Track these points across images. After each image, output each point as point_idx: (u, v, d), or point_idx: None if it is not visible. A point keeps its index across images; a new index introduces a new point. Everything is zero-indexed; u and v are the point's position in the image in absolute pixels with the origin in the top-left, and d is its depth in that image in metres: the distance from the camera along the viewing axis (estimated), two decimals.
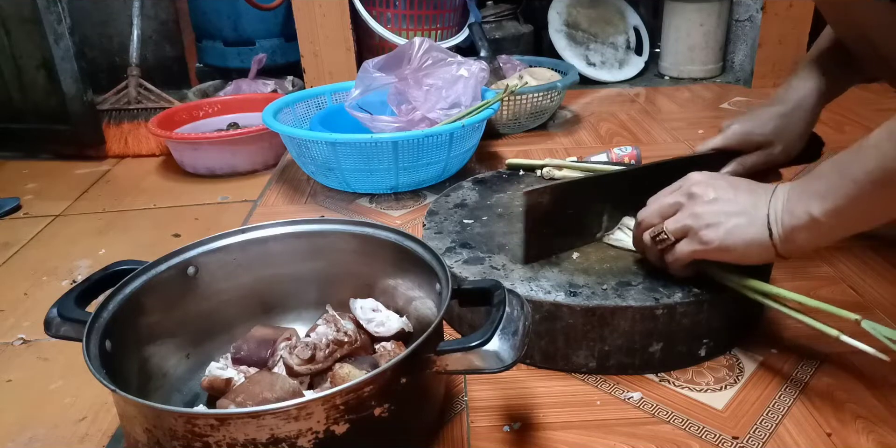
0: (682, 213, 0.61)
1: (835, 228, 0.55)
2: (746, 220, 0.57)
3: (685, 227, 0.60)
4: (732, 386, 0.64)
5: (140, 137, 1.47)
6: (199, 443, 0.47)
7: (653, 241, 0.63)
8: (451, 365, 0.53)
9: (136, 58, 1.57)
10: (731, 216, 0.58)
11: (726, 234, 0.58)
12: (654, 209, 0.63)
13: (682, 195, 0.61)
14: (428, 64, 1.15)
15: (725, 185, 0.60)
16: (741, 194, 0.59)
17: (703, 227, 0.59)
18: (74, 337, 0.56)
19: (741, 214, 0.58)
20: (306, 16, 1.54)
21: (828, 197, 0.53)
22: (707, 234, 0.58)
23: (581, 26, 1.82)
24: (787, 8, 1.58)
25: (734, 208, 0.58)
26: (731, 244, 0.58)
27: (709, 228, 0.58)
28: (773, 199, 0.57)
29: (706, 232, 0.58)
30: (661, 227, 0.62)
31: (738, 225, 0.57)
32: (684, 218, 0.60)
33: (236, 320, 0.70)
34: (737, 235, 0.57)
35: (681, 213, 0.61)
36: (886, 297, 0.77)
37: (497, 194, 0.90)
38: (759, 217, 0.57)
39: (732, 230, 0.57)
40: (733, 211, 0.58)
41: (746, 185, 0.60)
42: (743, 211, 0.58)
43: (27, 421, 0.68)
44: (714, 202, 0.59)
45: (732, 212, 0.58)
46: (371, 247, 0.69)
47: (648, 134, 1.37)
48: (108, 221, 1.16)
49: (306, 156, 1.10)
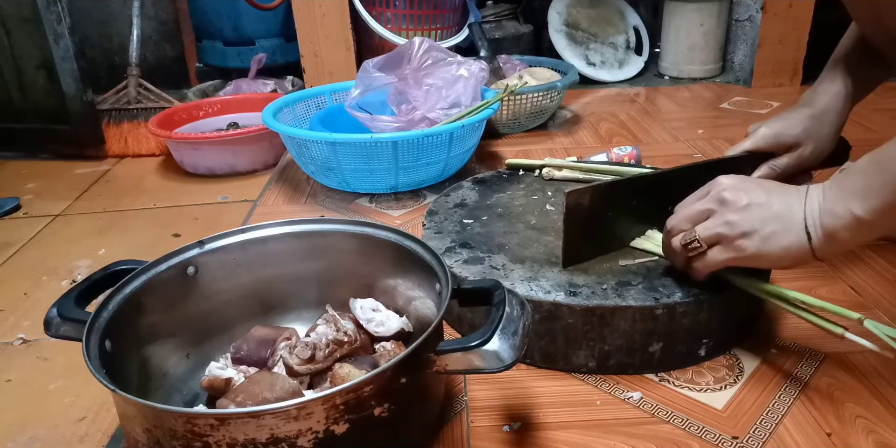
0: (715, 220, 0.59)
1: (878, 226, 0.53)
2: (783, 226, 0.56)
3: (718, 234, 0.58)
4: (732, 386, 0.64)
5: (140, 137, 1.47)
6: (199, 443, 0.47)
7: (684, 248, 0.61)
8: (451, 365, 0.53)
9: (136, 58, 1.57)
10: (766, 222, 0.56)
11: (762, 241, 0.56)
12: (684, 215, 0.62)
13: (712, 201, 0.60)
14: (428, 64, 1.15)
15: (756, 189, 0.58)
16: (774, 197, 0.57)
17: (738, 236, 0.57)
18: (74, 337, 0.56)
19: (776, 220, 0.56)
20: (306, 16, 1.54)
21: (870, 194, 0.52)
22: (743, 242, 0.57)
23: (581, 26, 1.82)
24: (787, 8, 1.58)
25: (768, 213, 0.56)
26: (767, 251, 0.56)
27: (744, 237, 0.57)
28: (809, 201, 0.55)
29: (742, 240, 0.57)
30: (694, 235, 0.60)
31: (775, 232, 0.56)
32: (717, 225, 0.58)
33: (236, 320, 0.70)
34: (774, 242, 0.56)
35: (713, 219, 0.59)
36: (886, 297, 0.77)
37: (497, 194, 0.90)
38: (795, 221, 0.55)
39: (769, 237, 0.56)
40: (768, 216, 0.56)
41: (777, 187, 0.59)
42: (778, 215, 0.56)
43: (27, 421, 0.68)
44: (747, 208, 0.57)
45: (767, 217, 0.56)
46: (371, 247, 0.69)
47: (648, 134, 1.37)
48: (108, 221, 1.16)
49: (306, 156, 1.09)
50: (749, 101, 1.58)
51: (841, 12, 0.75)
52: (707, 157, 1.22)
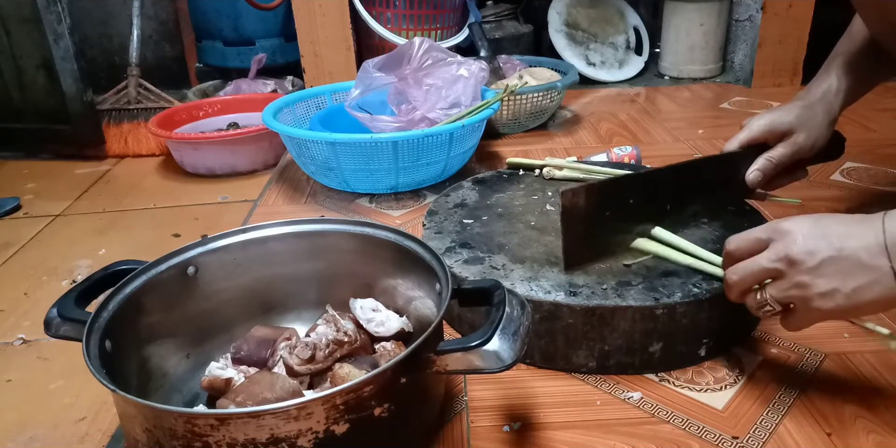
0: (785, 283, 0.54)
1: None
2: (868, 279, 0.51)
3: (791, 297, 0.54)
4: (732, 386, 0.64)
5: (140, 137, 1.47)
6: (199, 443, 0.47)
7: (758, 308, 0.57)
8: (451, 365, 0.53)
9: (136, 57, 1.57)
10: (846, 278, 0.51)
11: (847, 299, 0.51)
12: (748, 273, 0.56)
13: (778, 262, 0.54)
14: (428, 64, 1.15)
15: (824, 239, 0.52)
16: (847, 243, 0.51)
17: (814, 298, 0.52)
18: (74, 337, 0.56)
19: (857, 272, 0.51)
20: (306, 16, 1.54)
21: None
22: (823, 303, 0.52)
23: (581, 26, 1.82)
24: (787, 8, 1.58)
25: (845, 266, 0.51)
26: (854, 307, 0.52)
27: (823, 298, 0.52)
28: (890, 241, 0.50)
29: (820, 302, 0.52)
30: (766, 298, 0.55)
31: (859, 287, 0.51)
32: (788, 289, 0.54)
33: (236, 320, 0.70)
34: (860, 298, 0.51)
35: (783, 282, 0.54)
36: None
37: (497, 194, 0.90)
38: (880, 269, 0.50)
39: (853, 295, 0.51)
40: (846, 269, 0.51)
41: (845, 228, 0.53)
42: (858, 266, 0.51)
43: (27, 421, 0.68)
44: (820, 267, 0.52)
45: (846, 270, 0.51)
46: (371, 247, 0.69)
47: (648, 134, 1.37)
48: (108, 221, 1.16)
49: (306, 156, 1.10)
50: (749, 101, 1.58)
51: (841, 12, 0.75)
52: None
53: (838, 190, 1.05)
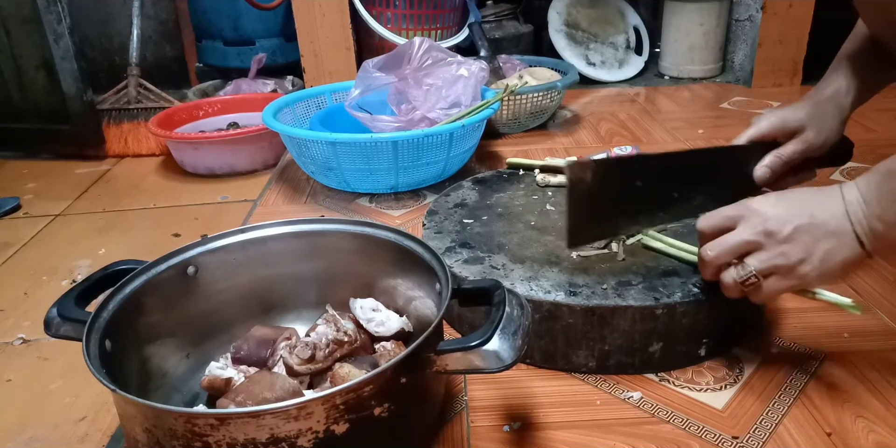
0: (766, 254, 0.57)
1: None
2: (836, 242, 0.55)
3: (774, 266, 0.57)
4: (732, 386, 0.64)
5: (140, 137, 1.47)
6: (199, 442, 0.47)
7: (740, 284, 0.59)
8: (451, 365, 0.53)
9: (136, 57, 1.57)
10: (818, 243, 0.55)
11: (822, 263, 0.55)
12: (725, 248, 0.59)
13: (756, 234, 0.57)
14: (428, 64, 1.15)
15: (794, 209, 0.57)
16: (814, 211, 0.56)
17: (795, 264, 0.56)
18: (74, 337, 0.56)
19: (827, 237, 0.55)
20: (306, 16, 1.54)
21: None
22: (802, 269, 0.56)
23: (581, 26, 1.82)
24: (787, 8, 1.58)
25: (817, 233, 0.55)
26: (828, 270, 0.56)
27: (802, 264, 0.56)
28: (850, 208, 0.55)
29: (801, 267, 0.56)
30: (750, 270, 0.57)
31: (830, 250, 0.55)
32: (771, 258, 0.57)
33: (236, 320, 0.70)
34: (832, 260, 0.55)
35: (764, 253, 0.57)
36: (886, 297, 0.77)
37: (497, 194, 0.90)
38: (845, 233, 0.55)
39: (826, 258, 0.55)
40: (818, 236, 0.55)
41: (811, 197, 0.57)
42: (827, 232, 0.55)
43: (27, 421, 0.68)
44: (795, 234, 0.56)
45: (818, 237, 0.55)
46: (371, 246, 0.69)
47: (648, 133, 1.37)
48: (108, 221, 1.16)
49: (306, 155, 1.10)
50: (749, 101, 1.58)
51: (841, 12, 0.75)
52: None
53: None
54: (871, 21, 0.75)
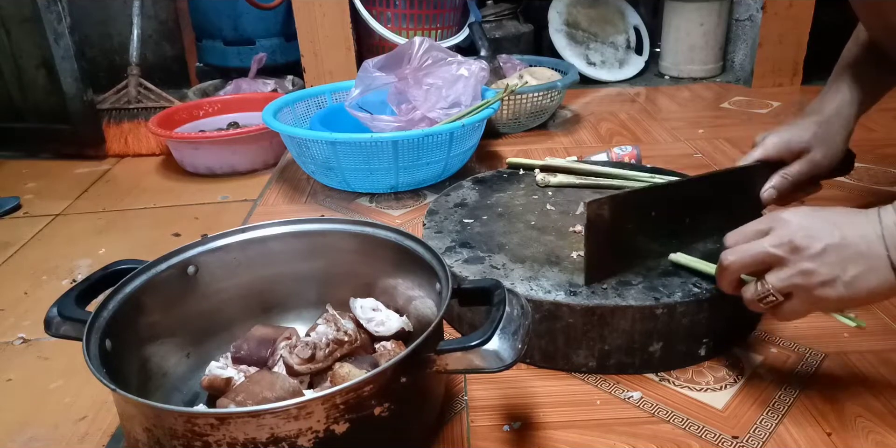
0: (789, 271, 0.53)
1: None
2: (866, 266, 0.51)
3: (794, 285, 0.53)
4: (732, 385, 0.64)
5: (140, 137, 1.47)
6: (200, 442, 0.47)
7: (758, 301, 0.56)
8: (451, 364, 0.53)
9: (136, 57, 1.57)
10: (846, 265, 0.51)
11: (846, 287, 0.52)
12: (749, 257, 0.56)
13: (781, 248, 0.53)
14: (428, 63, 1.15)
15: (826, 226, 0.53)
16: (847, 232, 0.52)
17: (816, 286, 0.52)
18: (74, 336, 0.56)
19: (857, 260, 0.51)
20: (306, 15, 1.54)
21: None
22: (824, 292, 0.52)
23: (581, 26, 1.82)
24: (787, 7, 1.58)
25: (847, 254, 0.51)
26: (853, 296, 0.52)
27: (824, 286, 0.52)
28: (886, 232, 0.51)
29: (822, 290, 0.52)
30: (767, 288, 0.55)
31: (858, 275, 0.51)
32: (792, 276, 0.53)
33: (236, 320, 0.70)
34: (859, 286, 0.51)
35: (787, 269, 0.53)
36: None
37: (497, 194, 0.90)
38: (878, 258, 0.51)
39: (852, 282, 0.51)
40: (847, 258, 0.51)
41: (845, 217, 0.54)
42: (858, 254, 0.51)
43: (27, 420, 0.68)
44: (823, 254, 0.52)
45: (846, 259, 0.51)
46: (371, 246, 0.69)
47: (648, 133, 1.37)
48: (108, 221, 1.16)
49: (306, 155, 1.10)
50: (749, 100, 1.58)
51: (841, 12, 0.75)
52: (707, 157, 1.22)
53: (838, 190, 1.05)
54: (869, 25, 0.75)
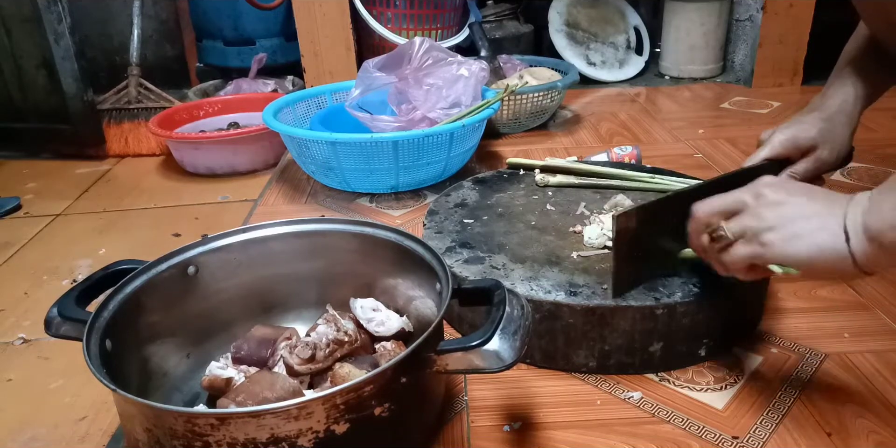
0: (745, 214, 0.55)
1: None
2: (817, 224, 0.50)
3: (745, 227, 0.54)
4: (732, 386, 0.64)
5: (140, 137, 1.47)
6: (200, 442, 0.47)
7: (710, 239, 0.57)
8: (452, 364, 0.53)
9: (137, 57, 1.57)
10: (797, 219, 0.51)
11: (792, 236, 0.51)
12: (715, 205, 0.57)
13: (749, 194, 0.55)
14: (428, 63, 1.15)
15: (799, 189, 0.54)
16: (816, 198, 0.53)
17: (764, 230, 0.52)
18: (75, 336, 0.56)
19: (811, 218, 0.51)
20: (306, 15, 1.54)
21: None
22: (767, 236, 0.52)
23: (581, 26, 1.82)
24: (788, 7, 1.58)
25: (804, 211, 0.52)
26: (795, 250, 0.51)
27: (770, 231, 0.52)
28: (853, 204, 0.50)
29: (768, 234, 0.52)
30: (722, 226, 0.55)
31: (806, 228, 0.51)
32: (746, 218, 0.54)
33: (236, 320, 0.70)
34: (803, 240, 0.50)
35: (744, 213, 0.55)
36: (886, 296, 0.77)
37: (497, 194, 0.90)
38: (832, 221, 0.50)
39: (799, 233, 0.51)
40: (802, 214, 0.52)
41: (823, 192, 0.54)
42: (814, 214, 0.51)
43: (28, 420, 0.68)
44: (781, 204, 0.53)
45: (801, 215, 0.51)
46: (371, 246, 0.69)
47: (649, 133, 1.37)
48: (109, 221, 1.16)
49: (306, 155, 1.10)
50: (749, 100, 1.58)
51: (842, 12, 0.75)
52: (708, 157, 1.22)
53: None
54: (870, 22, 0.75)
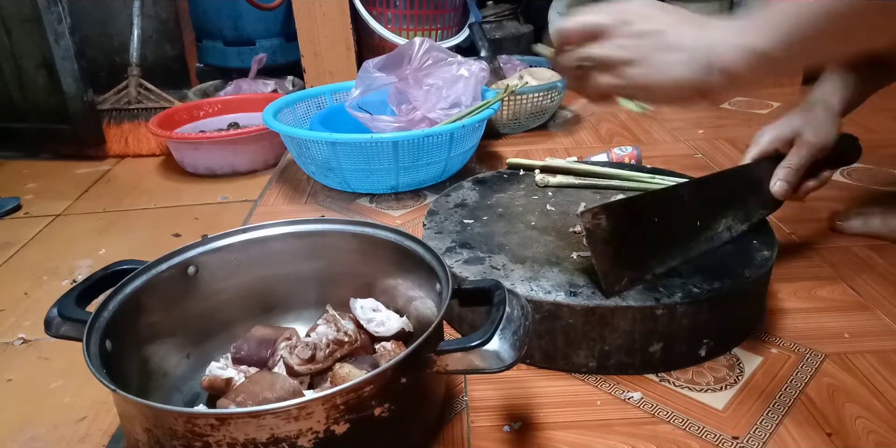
0: (610, 44, 0.52)
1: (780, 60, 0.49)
2: (681, 57, 0.50)
3: (608, 57, 0.52)
4: (732, 386, 0.64)
5: (140, 137, 1.47)
6: (200, 442, 0.47)
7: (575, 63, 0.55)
8: (452, 365, 0.53)
9: (137, 57, 1.57)
10: (658, 51, 0.50)
11: (656, 71, 0.50)
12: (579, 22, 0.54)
13: (611, 17, 0.52)
14: (428, 64, 1.15)
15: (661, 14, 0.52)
16: (679, 27, 0.51)
17: (626, 63, 0.51)
18: (75, 336, 0.56)
19: (676, 49, 0.50)
20: (306, 16, 1.54)
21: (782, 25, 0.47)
22: (629, 71, 0.51)
23: None
24: None
25: (669, 40, 0.50)
26: (657, 82, 0.51)
27: (633, 65, 0.51)
28: (717, 28, 0.50)
29: (628, 69, 0.51)
30: (587, 53, 0.53)
31: (670, 62, 0.50)
32: (608, 47, 0.52)
33: (236, 320, 0.70)
34: (665, 73, 0.50)
35: (608, 43, 0.52)
36: (887, 297, 0.77)
37: (497, 194, 0.90)
38: (697, 52, 0.50)
39: (661, 68, 0.50)
40: (668, 43, 0.50)
41: (690, 18, 0.52)
42: (679, 44, 0.50)
43: (28, 420, 0.68)
44: (644, 36, 0.51)
45: (667, 45, 0.50)
46: (371, 246, 0.69)
47: (649, 134, 1.37)
48: (109, 221, 1.16)
49: (306, 156, 1.10)
50: (749, 101, 1.58)
51: None
52: (707, 158, 1.22)
53: (839, 190, 1.05)
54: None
